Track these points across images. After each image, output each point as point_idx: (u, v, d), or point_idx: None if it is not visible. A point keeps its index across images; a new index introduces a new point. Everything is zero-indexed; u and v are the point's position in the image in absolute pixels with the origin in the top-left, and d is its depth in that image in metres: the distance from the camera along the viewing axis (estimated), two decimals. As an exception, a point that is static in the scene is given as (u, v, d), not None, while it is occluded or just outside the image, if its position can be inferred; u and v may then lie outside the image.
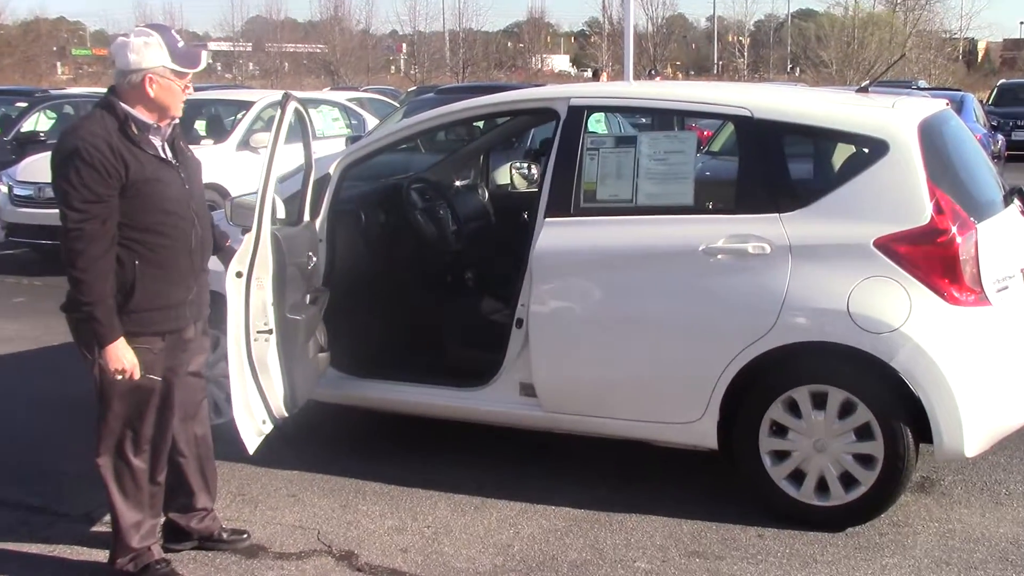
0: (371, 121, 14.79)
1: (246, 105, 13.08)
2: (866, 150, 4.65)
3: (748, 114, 4.75)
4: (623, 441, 5.12)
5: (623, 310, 4.76)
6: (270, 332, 4.46)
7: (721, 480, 5.08)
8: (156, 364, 4.00)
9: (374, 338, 5.67)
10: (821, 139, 5.43)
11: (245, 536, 4.59)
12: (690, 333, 4.64)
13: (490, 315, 5.84)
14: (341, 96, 16.91)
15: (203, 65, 4.03)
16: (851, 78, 40.02)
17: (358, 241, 5.68)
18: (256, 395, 4.48)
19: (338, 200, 5.45)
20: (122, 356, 3.83)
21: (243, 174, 11.35)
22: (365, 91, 25.43)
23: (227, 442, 4.74)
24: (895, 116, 4.72)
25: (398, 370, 5.48)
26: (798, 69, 53.53)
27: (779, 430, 4.65)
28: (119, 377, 3.85)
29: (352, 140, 11.37)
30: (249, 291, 4.33)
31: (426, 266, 6.21)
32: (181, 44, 3.93)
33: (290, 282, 4.59)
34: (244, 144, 12.30)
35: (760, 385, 4.62)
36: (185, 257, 3.99)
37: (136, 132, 3.85)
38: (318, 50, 61.00)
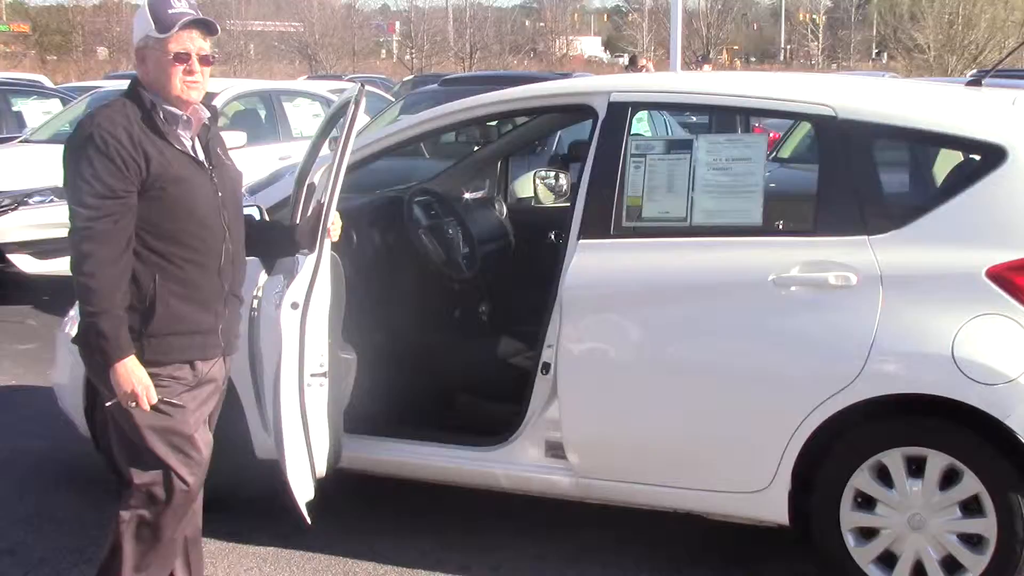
0: (359, 118, 12.67)
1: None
2: (977, 158, 3.92)
3: (831, 113, 3.99)
4: (671, 515, 4.27)
5: (674, 354, 4.05)
6: (325, 376, 3.86)
7: (794, 566, 4.27)
8: (185, 396, 3.46)
9: (365, 387, 4.68)
10: (921, 145, 4.78)
11: None
12: (756, 383, 3.93)
13: (509, 358, 4.97)
14: (321, 87, 14.34)
15: (176, 28, 3.31)
16: (953, 66, 34.24)
17: (346, 266, 4.60)
18: (307, 454, 3.88)
19: None
20: (131, 375, 3.29)
21: None
22: (350, 80, 19.34)
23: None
24: (1015, 116, 4.00)
25: (394, 425, 4.63)
26: (885, 55, 46.75)
27: (866, 502, 3.89)
28: (132, 405, 3.31)
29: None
30: (305, 326, 3.75)
31: (431, 297, 5.31)
32: (174, 9, 3.33)
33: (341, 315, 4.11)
34: None
35: (842, 447, 3.88)
36: (213, 276, 3.47)
37: (164, 122, 3.37)
38: (292, 29, 52.28)
